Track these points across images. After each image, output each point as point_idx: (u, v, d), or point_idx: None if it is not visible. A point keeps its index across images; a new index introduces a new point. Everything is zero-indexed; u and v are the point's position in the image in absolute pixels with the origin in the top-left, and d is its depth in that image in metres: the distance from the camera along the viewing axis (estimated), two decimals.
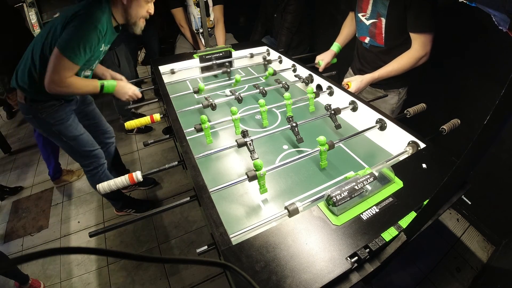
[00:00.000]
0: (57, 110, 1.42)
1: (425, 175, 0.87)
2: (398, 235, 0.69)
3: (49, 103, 1.38)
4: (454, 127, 1.07)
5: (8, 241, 1.96)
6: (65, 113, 1.47)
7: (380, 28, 1.37)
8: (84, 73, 1.39)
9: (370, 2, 1.37)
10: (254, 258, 0.64)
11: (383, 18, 1.34)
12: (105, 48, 1.34)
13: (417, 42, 1.27)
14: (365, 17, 1.43)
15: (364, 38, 1.50)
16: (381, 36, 1.39)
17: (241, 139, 1.01)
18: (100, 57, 1.39)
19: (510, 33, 0.46)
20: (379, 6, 1.33)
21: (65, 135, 1.49)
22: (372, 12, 1.38)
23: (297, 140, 1.13)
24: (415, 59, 1.29)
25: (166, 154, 2.64)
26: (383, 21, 1.34)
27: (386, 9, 1.30)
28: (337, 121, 1.20)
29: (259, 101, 1.22)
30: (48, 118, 1.41)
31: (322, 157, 0.99)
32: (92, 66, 1.39)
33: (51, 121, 1.42)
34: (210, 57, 1.76)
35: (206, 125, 1.11)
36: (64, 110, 1.46)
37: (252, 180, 0.87)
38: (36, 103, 1.36)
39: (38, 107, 1.36)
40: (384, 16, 1.33)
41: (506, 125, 0.40)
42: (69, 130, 1.49)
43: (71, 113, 1.51)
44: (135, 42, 2.60)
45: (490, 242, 1.78)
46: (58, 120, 1.44)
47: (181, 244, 1.85)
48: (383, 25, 1.35)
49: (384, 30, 1.36)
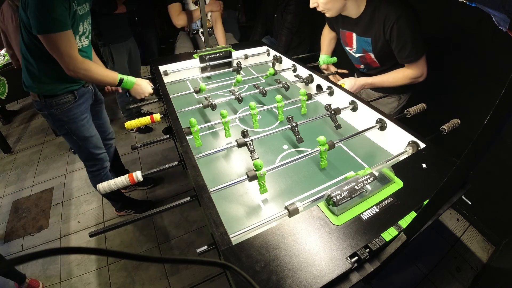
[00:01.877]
0: (71, 109, 1.42)
1: (425, 175, 0.87)
2: (398, 235, 0.69)
3: (63, 100, 1.39)
4: (454, 127, 1.07)
5: (8, 241, 1.96)
6: (80, 112, 1.47)
7: (371, 59, 1.40)
8: (81, 41, 1.33)
9: (353, 39, 1.39)
10: (254, 258, 0.64)
11: (371, 53, 1.37)
12: (79, 7, 1.24)
13: (410, 68, 1.29)
14: (353, 51, 1.46)
15: (359, 66, 1.53)
16: (375, 63, 1.41)
17: (241, 139, 1.01)
18: (83, 19, 1.30)
19: (510, 33, 0.46)
20: (363, 43, 1.36)
21: (77, 134, 1.49)
22: (358, 48, 1.41)
23: (297, 140, 1.13)
24: (410, 79, 1.30)
25: (166, 154, 2.64)
26: (372, 55, 1.37)
27: (371, 46, 1.33)
28: (337, 121, 1.20)
29: (249, 104, 1.20)
30: (61, 115, 1.41)
31: (322, 157, 0.99)
32: (80, 32, 1.30)
33: (64, 119, 1.42)
34: (211, 57, 1.76)
35: (195, 129, 1.10)
36: (79, 108, 1.46)
37: (252, 180, 0.87)
38: (50, 99, 1.36)
39: (52, 103, 1.37)
40: (370, 52, 1.36)
41: (506, 125, 0.40)
42: (81, 131, 1.50)
43: (85, 112, 1.51)
44: (134, 42, 2.60)
45: (490, 242, 1.78)
46: (71, 118, 1.44)
47: (181, 244, 1.85)
48: (373, 57, 1.38)
49: (375, 60, 1.39)
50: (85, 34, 1.35)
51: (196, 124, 1.10)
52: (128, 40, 2.48)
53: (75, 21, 1.23)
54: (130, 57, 2.56)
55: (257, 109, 1.22)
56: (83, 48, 1.37)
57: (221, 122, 1.14)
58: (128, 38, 2.47)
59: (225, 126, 1.16)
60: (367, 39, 1.31)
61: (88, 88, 1.54)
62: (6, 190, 2.43)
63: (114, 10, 2.18)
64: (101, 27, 2.23)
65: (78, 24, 1.27)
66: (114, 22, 2.26)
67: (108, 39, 2.30)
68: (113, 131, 1.90)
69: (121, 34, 2.39)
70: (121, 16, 2.29)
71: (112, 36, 2.31)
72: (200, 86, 1.42)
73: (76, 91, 1.44)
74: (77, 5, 1.23)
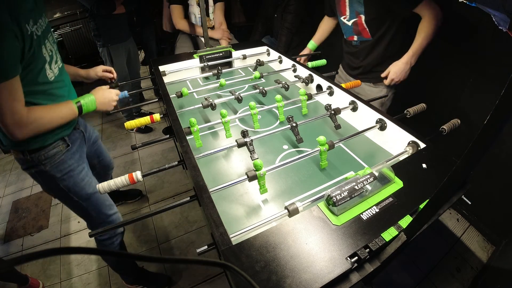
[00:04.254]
0: (64, 160, 1.11)
1: (425, 175, 0.87)
2: (398, 235, 0.69)
3: (53, 151, 1.08)
4: (454, 127, 1.07)
5: (8, 241, 1.96)
6: (75, 162, 1.15)
7: (362, 24, 1.46)
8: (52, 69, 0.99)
9: (346, 4, 1.47)
10: (254, 258, 0.64)
11: (362, 15, 1.43)
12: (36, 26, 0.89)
13: (425, 13, 1.31)
14: (346, 19, 1.53)
15: (352, 38, 1.58)
16: (365, 31, 1.47)
17: (241, 139, 1.01)
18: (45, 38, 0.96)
19: (510, 33, 0.46)
20: (355, 5, 1.43)
21: (76, 193, 1.16)
22: (351, 12, 1.48)
23: (297, 140, 1.13)
24: (433, 25, 1.31)
25: (166, 154, 2.64)
26: (362, 17, 1.43)
27: (363, 5, 1.39)
28: (337, 121, 1.20)
29: (249, 104, 1.20)
30: (53, 171, 1.09)
31: (322, 157, 0.99)
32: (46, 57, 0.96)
33: (57, 175, 1.10)
34: (210, 57, 1.76)
35: (195, 129, 1.10)
36: (73, 158, 1.15)
37: (252, 180, 0.87)
38: (36, 153, 1.04)
39: (40, 158, 1.05)
40: (362, 13, 1.42)
41: (506, 125, 0.40)
42: (81, 187, 1.16)
43: (81, 161, 1.19)
44: (133, 42, 2.60)
45: (490, 242, 1.78)
46: (65, 172, 1.12)
47: (181, 244, 1.85)
48: (363, 21, 1.44)
49: (365, 25, 1.45)
50: (54, 58, 1.02)
51: (196, 124, 1.10)
52: (127, 40, 2.48)
53: (33, 48, 0.88)
54: (129, 57, 2.56)
55: (257, 109, 1.22)
56: (57, 78, 1.02)
57: (221, 122, 1.14)
58: (127, 39, 2.47)
59: (225, 126, 1.16)
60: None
61: (79, 130, 1.22)
62: (6, 190, 2.43)
63: (113, 11, 2.18)
64: (100, 28, 2.23)
65: (39, 50, 0.92)
66: (113, 22, 2.26)
67: (107, 40, 2.30)
68: (113, 161, 1.63)
69: (120, 34, 2.38)
70: (120, 16, 2.28)
71: (111, 37, 2.31)
72: (182, 91, 1.38)
73: (68, 136, 1.12)
74: (32, 25, 0.87)
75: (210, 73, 1.66)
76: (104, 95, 1.15)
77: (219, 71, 1.63)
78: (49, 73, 0.99)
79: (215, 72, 1.64)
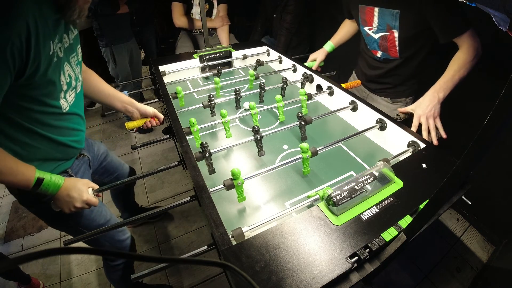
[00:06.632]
0: None
1: (425, 175, 0.87)
2: (398, 235, 0.69)
3: None
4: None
5: (8, 241, 1.96)
6: None
7: (393, 41, 1.21)
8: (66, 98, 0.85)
9: (375, 15, 1.20)
10: (254, 258, 0.64)
11: (396, 30, 1.17)
12: (60, 44, 0.77)
13: (463, 46, 1.09)
14: (372, 30, 1.27)
15: (376, 52, 1.35)
16: (394, 49, 1.24)
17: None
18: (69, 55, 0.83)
19: (510, 33, 0.46)
20: (388, 18, 1.16)
21: (86, 226, 1.02)
22: (380, 25, 1.22)
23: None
24: (469, 62, 1.09)
25: (166, 154, 2.64)
26: (396, 33, 1.18)
27: (398, 20, 1.14)
28: (305, 133, 1.15)
29: (249, 104, 1.19)
30: None
31: (305, 164, 0.97)
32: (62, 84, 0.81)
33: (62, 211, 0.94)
34: (210, 57, 1.76)
35: (195, 129, 1.10)
36: None
37: (229, 189, 0.84)
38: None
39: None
40: (396, 28, 1.16)
41: (506, 125, 0.40)
42: (91, 219, 1.03)
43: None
44: (135, 42, 2.60)
45: (490, 242, 1.79)
46: None
47: (181, 244, 1.85)
48: (396, 38, 1.19)
49: (397, 43, 1.21)
50: (72, 85, 0.87)
51: (196, 124, 1.10)
52: (130, 40, 2.48)
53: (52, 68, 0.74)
54: (132, 57, 2.56)
55: (257, 109, 1.22)
56: (71, 109, 0.88)
57: (221, 122, 1.14)
58: (130, 39, 2.47)
59: (225, 126, 1.16)
60: (395, 11, 1.12)
61: (83, 157, 1.07)
62: (6, 190, 2.43)
63: (116, 11, 2.18)
64: (103, 27, 2.23)
65: (59, 72, 0.78)
66: (116, 22, 2.26)
67: (110, 40, 2.30)
68: (128, 167, 1.43)
69: (123, 34, 2.38)
70: (123, 16, 2.29)
71: (114, 37, 2.31)
72: (176, 89, 1.35)
73: (70, 168, 0.98)
74: (57, 43, 0.75)
75: (210, 73, 1.66)
76: (72, 193, 0.87)
77: (219, 71, 1.63)
78: (63, 103, 0.85)
79: (215, 72, 1.63)
